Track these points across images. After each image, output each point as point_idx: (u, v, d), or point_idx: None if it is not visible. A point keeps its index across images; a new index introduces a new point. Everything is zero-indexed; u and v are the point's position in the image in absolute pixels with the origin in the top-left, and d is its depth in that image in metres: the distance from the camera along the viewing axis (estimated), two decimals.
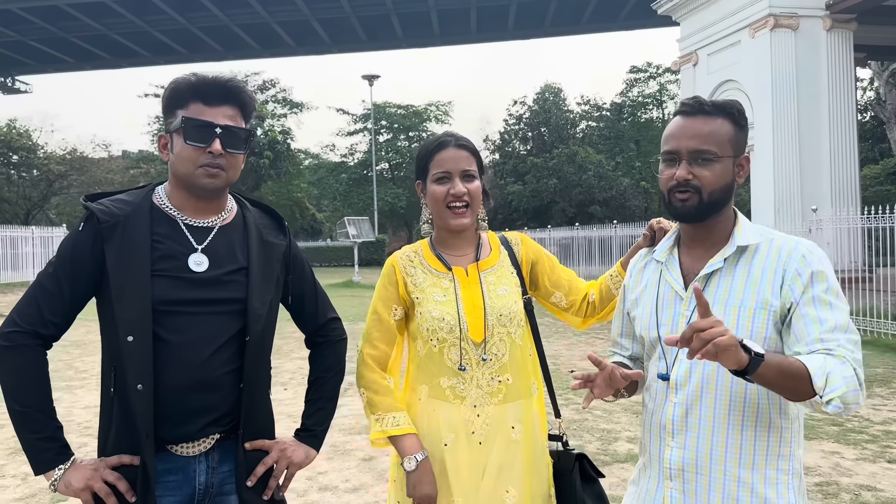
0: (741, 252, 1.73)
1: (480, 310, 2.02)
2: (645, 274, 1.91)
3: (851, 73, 18.34)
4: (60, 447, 1.75)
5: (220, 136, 1.80)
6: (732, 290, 1.69)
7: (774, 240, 1.73)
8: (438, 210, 2.05)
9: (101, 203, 1.82)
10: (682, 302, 1.75)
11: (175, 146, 1.83)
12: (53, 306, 1.77)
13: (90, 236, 1.77)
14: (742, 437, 1.66)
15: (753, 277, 1.69)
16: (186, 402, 1.77)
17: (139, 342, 1.72)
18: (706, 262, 1.74)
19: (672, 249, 1.85)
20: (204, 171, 1.80)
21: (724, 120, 1.73)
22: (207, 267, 1.82)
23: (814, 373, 1.50)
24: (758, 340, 1.64)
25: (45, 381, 1.77)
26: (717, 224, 1.76)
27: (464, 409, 1.99)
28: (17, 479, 4.90)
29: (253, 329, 1.83)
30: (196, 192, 1.85)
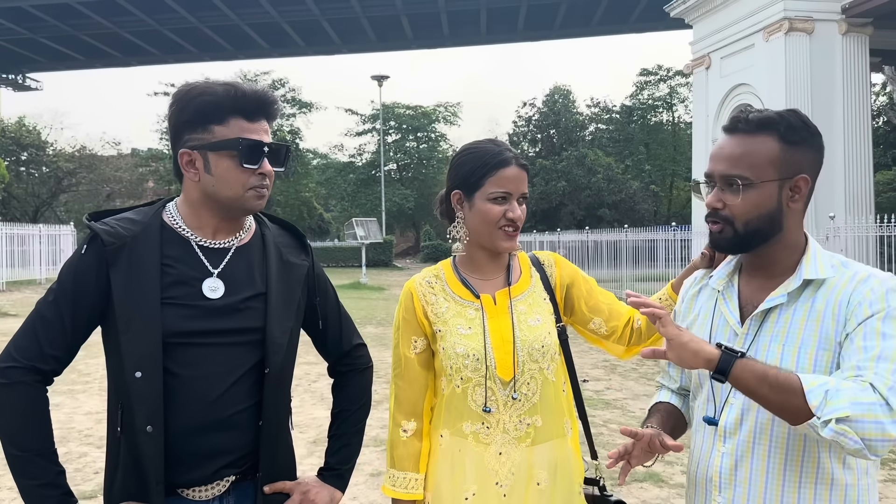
0: (808, 286, 1.53)
1: (510, 343, 1.81)
2: (699, 300, 1.73)
3: (867, 78, 18.13)
4: (62, 495, 1.59)
5: (268, 156, 1.66)
6: (792, 329, 1.50)
7: (848, 272, 1.52)
8: (489, 230, 1.83)
9: (105, 223, 1.65)
10: (738, 338, 1.57)
11: (217, 166, 1.64)
12: (54, 339, 1.60)
13: (94, 260, 1.61)
14: (800, 495, 1.49)
15: (816, 313, 1.49)
16: (200, 444, 1.61)
17: (148, 378, 1.56)
18: (767, 293, 1.55)
19: (732, 276, 1.66)
20: (254, 192, 1.66)
21: (766, 137, 1.52)
22: (223, 293, 1.66)
23: (809, 388, 1.33)
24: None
25: (46, 421, 1.61)
26: (777, 253, 1.57)
27: (487, 457, 1.80)
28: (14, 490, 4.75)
29: (272, 361, 1.67)
30: (235, 213, 1.71)
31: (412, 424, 1.88)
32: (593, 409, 6.77)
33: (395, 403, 1.91)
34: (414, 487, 1.85)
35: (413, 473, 1.86)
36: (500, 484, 1.79)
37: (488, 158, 1.83)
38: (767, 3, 17.71)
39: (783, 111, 1.57)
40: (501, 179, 1.81)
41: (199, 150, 1.65)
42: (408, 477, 1.86)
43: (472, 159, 1.85)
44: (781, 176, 1.52)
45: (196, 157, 1.66)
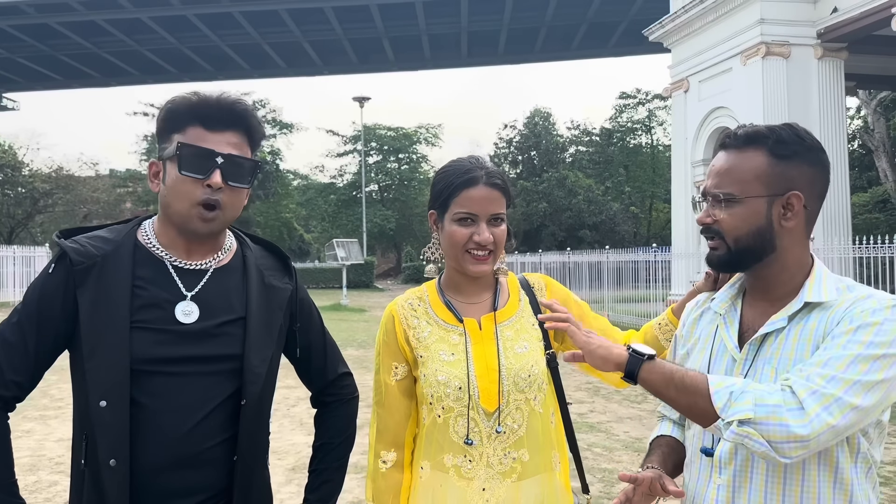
0: (811, 309, 1.45)
1: (495, 372, 1.70)
2: (700, 325, 1.65)
3: (842, 102, 18.43)
4: None
5: (222, 167, 1.52)
6: (785, 351, 1.43)
7: (854, 294, 1.44)
8: (455, 253, 1.73)
9: (76, 241, 1.55)
10: (735, 364, 1.49)
11: (168, 176, 1.54)
12: (15, 363, 1.50)
13: (61, 280, 1.51)
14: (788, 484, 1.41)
15: (808, 332, 1.41)
16: (168, 481, 1.51)
17: (113, 408, 1.46)
18: (769, 317, 1.48)
19: (735, 300, 1.58)
20: (198, 212, 1.53)
21: (754, 152, 1.46)
22: (198, 318, 1.55)
23: (715, 389, 1.32)
24: None
25: (6, 448, 1.51)
26: (776, 275, 1.50)
27: (470, 493, 1.69)
28: None
29: (250, 391, 1.56)
30: (185, 234, 1.58)
31: (392, 455, 1.77)
32: (577, 433, 6.68)
33: (375, 433, 1.81)
34: None
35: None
36: None
37: (454, 178, 1.73)
38: (744, 27, 17.98)
39: (778, 125, 1.51)
40: (465, 200, 1.70)
41: (161, 161, 1.57)
42: None
43: (443, 178, 1.77)
44: (770, 192, 1.45)
45: (159, 168, 1.58)
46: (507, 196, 1.76)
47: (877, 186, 31.36)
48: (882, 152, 28.89)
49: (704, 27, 19.43)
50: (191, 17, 35.76)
